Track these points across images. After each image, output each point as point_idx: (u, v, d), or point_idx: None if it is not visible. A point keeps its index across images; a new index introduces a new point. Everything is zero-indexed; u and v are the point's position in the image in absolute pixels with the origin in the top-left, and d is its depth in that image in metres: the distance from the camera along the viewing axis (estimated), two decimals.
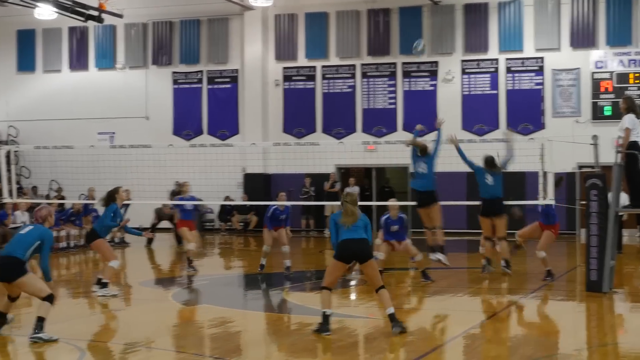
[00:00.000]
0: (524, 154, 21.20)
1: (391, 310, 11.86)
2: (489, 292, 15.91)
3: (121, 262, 22.81)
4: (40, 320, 11.45)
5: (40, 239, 11.82)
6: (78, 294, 16.79)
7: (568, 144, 24.39)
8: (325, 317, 11.85)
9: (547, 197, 18.10)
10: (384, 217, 17.44)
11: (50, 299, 11.60)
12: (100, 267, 16.96)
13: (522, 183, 28.22)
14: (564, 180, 19.33)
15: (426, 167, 17.03)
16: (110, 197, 16.38)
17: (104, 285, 15.92)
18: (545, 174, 18.23)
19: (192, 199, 19.90)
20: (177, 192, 19.16)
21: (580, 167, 28.43)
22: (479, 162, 18.03)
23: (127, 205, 25.95)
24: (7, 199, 21.83)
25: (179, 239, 26.42)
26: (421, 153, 17.15)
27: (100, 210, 17.47)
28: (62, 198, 28.40)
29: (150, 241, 26.44)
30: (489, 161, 17.60)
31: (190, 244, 19.24)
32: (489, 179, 17.53)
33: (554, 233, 17.73)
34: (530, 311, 14.33)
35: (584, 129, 28.61)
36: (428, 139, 18.46)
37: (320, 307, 11.93)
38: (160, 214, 27.30)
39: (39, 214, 12.25)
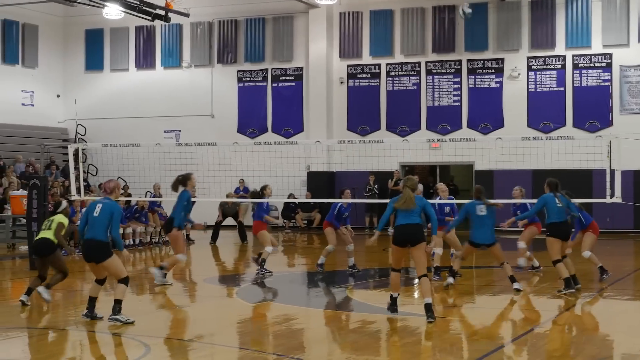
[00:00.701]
0: (591, 152, 20.98)
1: (429, 300, 12.41)
2: (553, 291, 15.72)
3: (186, 258, 23.04)
4: (118, 303, 12.33)
5: (111, 213, 12.35)
6: (143, 290, 16.97)
7: (636, 141, 24.01)
8: (392, 299, 12.90)
9: (614, 195, 17.83)
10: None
11: (125, 281, 12.49)
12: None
13: (589, 181, 27.88)
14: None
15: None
16: (181, 182, 16.56)
17: (164, 274, 16.17)
18: (613, 171, 17.96)
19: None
20: (260, 194, 18.87)
21: None
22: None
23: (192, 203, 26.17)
24: (75, 197, 22.12)
25: (243, 237, 26.60)
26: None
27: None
28: (129, 195, 28.69)
29: (215, 237, 26.62)
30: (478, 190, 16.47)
31: (269, 247, 18.26)
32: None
33: (594, 232, 17.19)
34: (596, 311, 14.15)
35: None
36: None
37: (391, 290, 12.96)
38: (225, 211, 27.48)
39: (108, 186, 12.73)
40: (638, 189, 28.39)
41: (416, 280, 17.38)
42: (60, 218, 14.59)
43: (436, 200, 17.71)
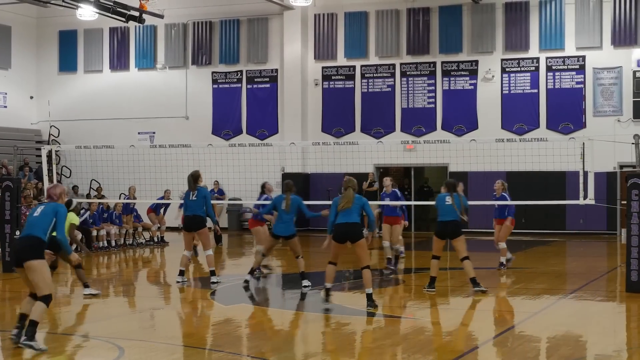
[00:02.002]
0: (564, 154, 21.10)
1: (370, 291, 13.64)
2: (527, 292, 15.80)
3: (161, 261, 22.98)
4: (33, 325, 10.65)
5: (55, 214, 11.19)
6: (118, 292, 16.90)
7: (609, 143, 24.20)
8: (326, 290, 13.84)
9: (587, 197, 17.95)
10: None
11: (47, 299, 10.74)
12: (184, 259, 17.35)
13: (563, 182, 28.07)
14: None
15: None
16: (196, 180, 16.89)
17: (212, 273, 16.96)
18: (586, 173, 18.08)
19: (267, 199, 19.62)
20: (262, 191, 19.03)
21: (622, 166, 28.19)
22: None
23: (167, 205, 26.16)
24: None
25: (218, 239, 26.47)
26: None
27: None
28: (102, 197, 28.59)
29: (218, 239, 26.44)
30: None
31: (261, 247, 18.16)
32: None
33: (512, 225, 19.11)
34: (569, 312, 14.22)
35: (626, 128, 28.42)
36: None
37: (325, 281, 13.85)
38: None
39: (53, 192, 11.62)
40: (611, 191, 28.58)
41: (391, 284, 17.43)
42: (72, 218, 14.81)
43: (385, 202, 19.22)
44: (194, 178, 17.03)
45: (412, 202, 30.20)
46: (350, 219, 13.69)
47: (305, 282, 16.39)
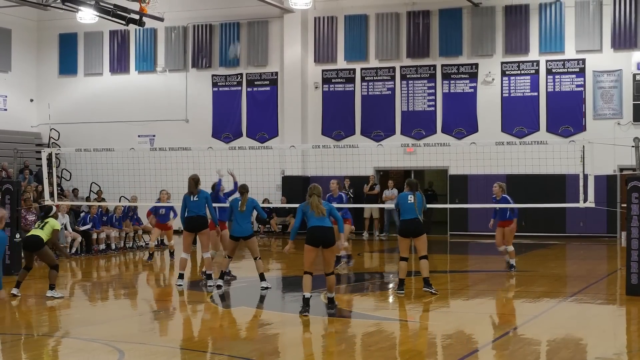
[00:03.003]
0: (564, 157, 21.09)
1: (332, 295, 13.94)
2: (527, 295, 15.80)
3: (160, 264, 22.97)
4: None
5: None
6: (118, 295, 16.91)
7: (609, 146, 24.20)
8: (305, 300, 13.42)
9: (587, 200, 17.94)
10: None
11: None
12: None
13: (563, 185, 28.07)
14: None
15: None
16: (197, 183, 17.21)
17: (208, 277, 16.97)
18: (586, 176, 18.07)
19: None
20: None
21: (622, 169, 28.16)
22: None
23: (171, 207, 26.13)
24: (48, 201, 21.99)
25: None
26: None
27: None
28: (102, 200, 28.59)
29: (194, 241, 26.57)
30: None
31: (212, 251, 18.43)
32: None
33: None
34: (570, 314, 14.21)
35: (626, 131, 28.42)
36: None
37: (303, 291, 13.49)
38: None
39: None
40: (611, 194, 28.57)
41: (390, 286, 17.45)
42: (54, 224, 15.26)
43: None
44: (195, 181, 17.16)
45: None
46: (325, 223, 13.66)
47: (264, 284, 16.76)
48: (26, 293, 15.83)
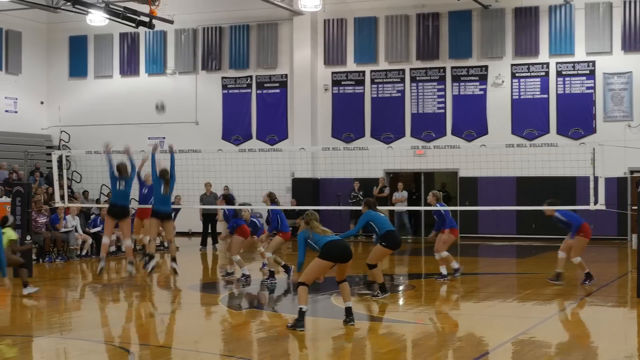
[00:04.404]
0: (574, 159, 21.03)
1: (349, 304, 12.87)
2: (538, 298, 15.77)
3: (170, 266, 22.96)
4: None
5: None
6: (128, 297, 16.93)
7: (620, 148, 24.15)
8: (301, 314, 12.43)
9: (597, 202, 17.89)
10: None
11: None
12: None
13: (573, 188, 28.00)
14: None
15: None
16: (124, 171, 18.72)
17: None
18: (596, 178, 18.02)
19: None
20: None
21: (632, 171, 28.11)
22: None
23: (177, 210, 26.19)
24: (59, 204, 22.06)
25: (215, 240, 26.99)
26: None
27: None
28: None
29: (204, 242, 26.82)
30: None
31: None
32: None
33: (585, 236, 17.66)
34: (580, 317, 14.19)
35: (636, 133, 28.38)
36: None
37: (298, 303, 12.52)
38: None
39: None
40: (621, 196, 28.48)
41: (401, 288, 17.43)
42: (10, 234, 15.54)
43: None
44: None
45: (422, 208, 30.16)
46: (337, 237, 13.05)
47: (174, 265, 18.27)
48: (36, 295, 15.85)
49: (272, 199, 19.35)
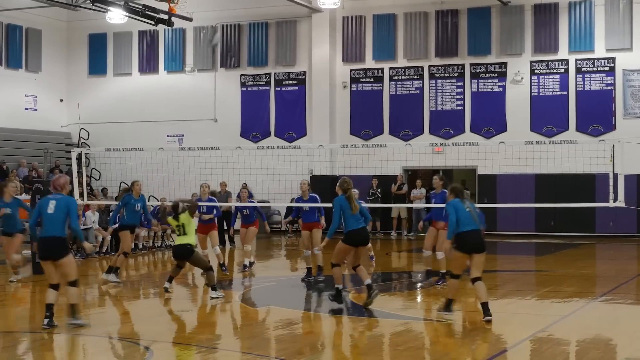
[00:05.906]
0: (594, 156, 20.98)
1: (369, 281, 14.20)
2: (556, 295, 15.72)
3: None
4: (74, 307, 12.37)
5: (67, 208, 12.38)
6: (147, 294, 16.97)
7: (639, 145, 24.02)
8: (338, 291, 14.22)
9: (617, 199, 17.82)
10: None
11: (76, 283, 12.44)
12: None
13: (592, 185, 27.89)
14: None
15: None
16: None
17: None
18: (616, 175, 17.95)
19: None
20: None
21: None
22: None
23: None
24: (78, 200, 22.12)
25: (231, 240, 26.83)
26: None
27: None
28: None
29: (221, 241, 26.76)
30: None
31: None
32: None
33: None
34: (599, 315, 14.13)
35: None
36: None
37: (335, 283, 14.27)
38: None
39: (57, 183, 12.67)
40: None
41: (419, 285, 17.40)
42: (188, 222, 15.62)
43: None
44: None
45: (442, 205, 30.03)
46: (361, 224, 14.29)
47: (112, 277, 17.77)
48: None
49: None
